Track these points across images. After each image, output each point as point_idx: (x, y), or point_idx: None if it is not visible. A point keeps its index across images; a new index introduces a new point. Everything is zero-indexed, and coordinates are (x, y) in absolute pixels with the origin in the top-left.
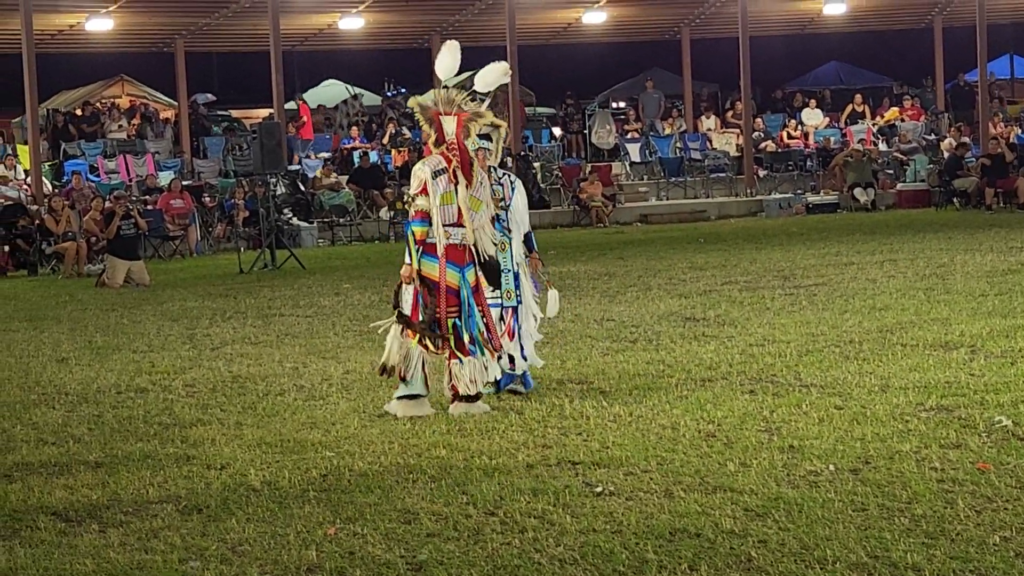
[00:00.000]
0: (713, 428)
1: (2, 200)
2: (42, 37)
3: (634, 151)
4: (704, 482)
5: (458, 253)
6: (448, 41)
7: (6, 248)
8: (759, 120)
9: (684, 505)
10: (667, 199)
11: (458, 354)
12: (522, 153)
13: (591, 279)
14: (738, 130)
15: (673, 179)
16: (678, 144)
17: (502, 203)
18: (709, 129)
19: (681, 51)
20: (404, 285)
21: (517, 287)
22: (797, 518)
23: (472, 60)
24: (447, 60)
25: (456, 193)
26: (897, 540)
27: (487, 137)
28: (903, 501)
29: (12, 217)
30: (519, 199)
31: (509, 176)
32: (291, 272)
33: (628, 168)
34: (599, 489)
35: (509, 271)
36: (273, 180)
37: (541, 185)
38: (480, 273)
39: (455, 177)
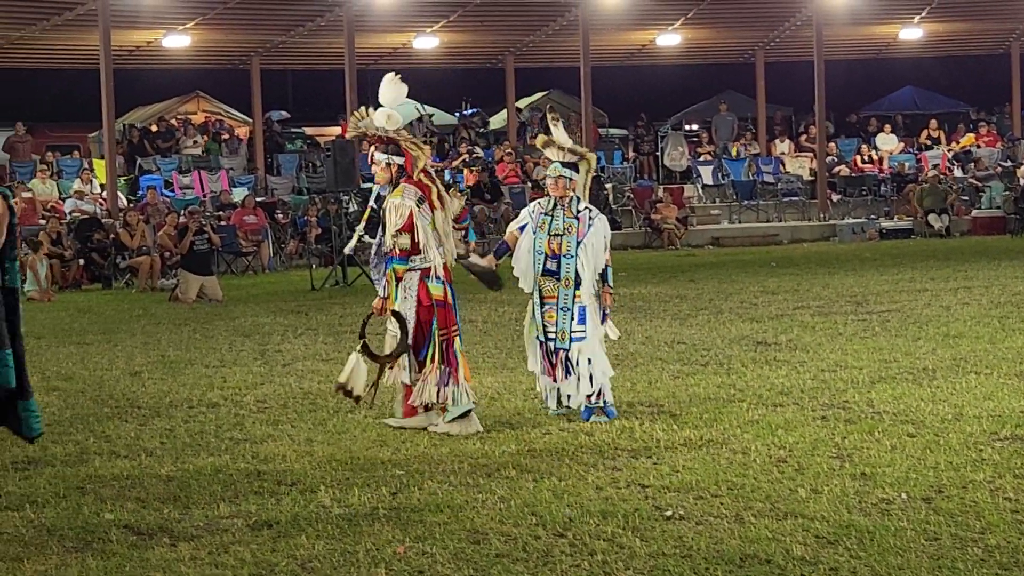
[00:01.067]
0: (784, 453)
1: (78, 214)
2: (120, 53)
3: (707, 173)
4: (775, 508)
5: (447, 274)
6: (386, 76)
7: (81, 262)
8: (833, 144)
9: (755, 531)
10: (739, 222)
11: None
12: (594, 174)
13: (662, 301)
14: (812, 154)
15: (746, 202)
16: (751, 167)
17: (569, 237)
18: (782, 153)
19: (755, 74)
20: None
21: (582, 323)
22: (869, 546)
23: (547, 80)
24: (390, 91)
25: (435, 220)
26: (970, 571)
27: (573, 167)
28: (976, 531)
29: (88, 231)
30: (596, 235)
31: (590, 211)
32: (362, 289)
33: (700, 190)
34: (669, 513)
35: (567, 310)
36: (346, 198)
37: (613, 207)
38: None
39: (433, 205)
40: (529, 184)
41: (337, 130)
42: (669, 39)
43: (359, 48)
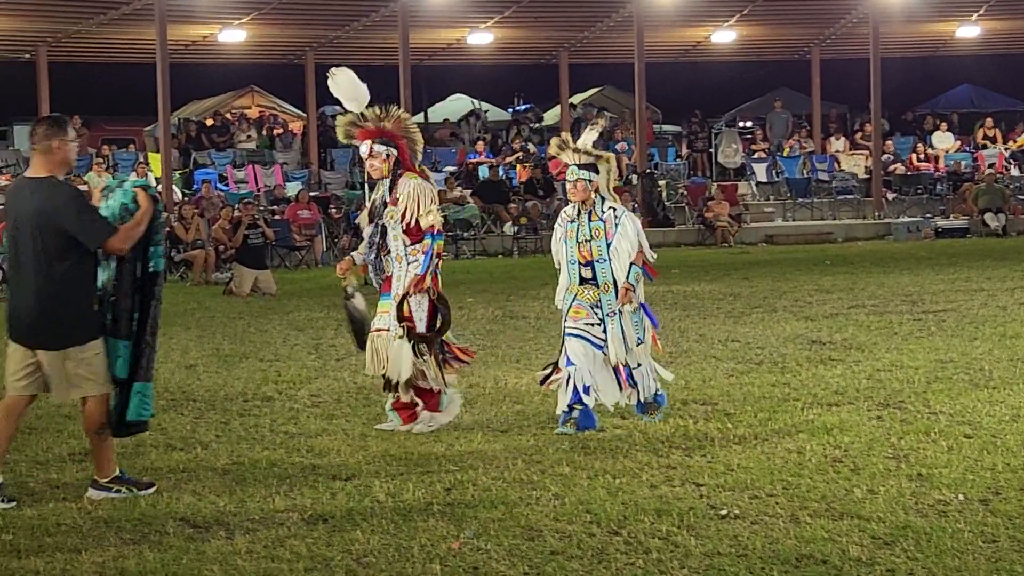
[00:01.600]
0: (840, 453)
1: None
2: (175, 47)
3: (761, 171)
4: (831, 508)
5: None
6: (335, 70)
7: None
8: (888, 142)
9: (810, 531)
10: (793, 220)
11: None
12: (648, 171)
13: (715, 299)
14: (867, 152)
15: (800, 200)
16: (805, 165)
17: (598, 242)
18: (837, 150)
19: (810, 71)
20: (415, 303)
21: (604, 330)
22: (926, 548)
23: (600, 76)
24: (349, 89)
25: None
26: None
27: (592, 168)
28: None
29: None
30: (623, 238)
31: (615, 211)
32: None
33: (754, 188)
34: (724, 512)
35: (616, 315)
36: None
37: (666, 203)
38: None
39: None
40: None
41: None
42: (724, 36)
43: (413, 43)
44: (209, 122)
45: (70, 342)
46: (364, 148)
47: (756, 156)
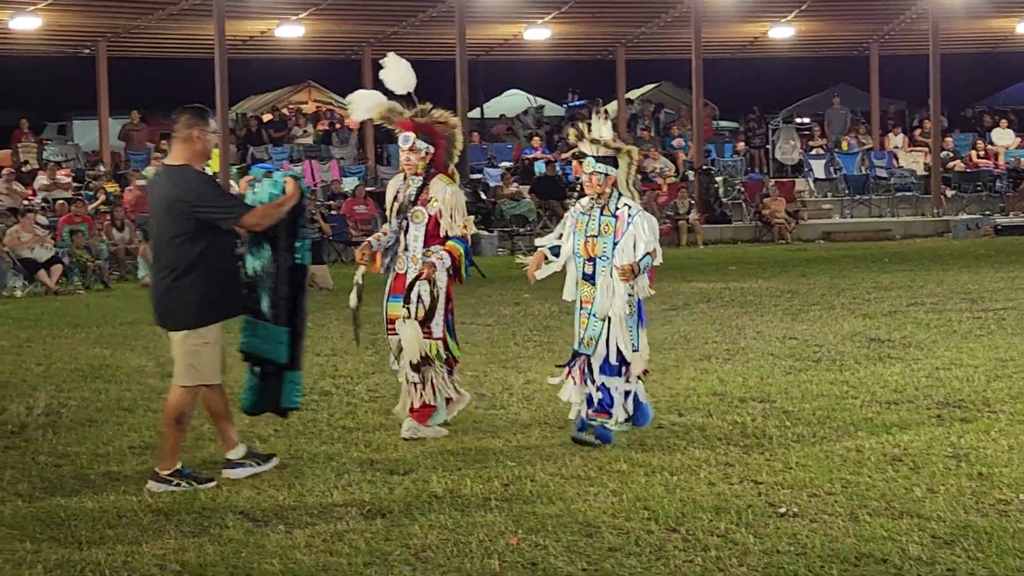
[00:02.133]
0: (899, 452)
1: None
2: (233, 43)
3: (818, 167)
4: (890, 507)
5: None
6: (388, 57)
7: None
8: (948, 139)
9: (870, 529)
10: (851, 217)
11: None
12: (705, 167)
13: (773, 296)
14: (926, 148)
15: (858, 197)
16: (863, 161)
17: (605, 238)
18: (896, 147)
19: (869, 67)
20: (437, 307)
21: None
22: (987, 548)
23: (657, 72)
24: (399, 75)
25: None
26: None
27: (611, 161)
28: None
29: None
30: (637, 237)
31: (629, 208)
32: (472, 281)
33: (812, 184)
34: (783, 510)
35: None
36: None
37: (723, 200)
38: None
39: None
40: (639, 176)
41: None
42: (782, 31)
43: (470, 39)
44: (266, 117)
45: (182, 325)
46: (406, 140)
47: (814, 152)
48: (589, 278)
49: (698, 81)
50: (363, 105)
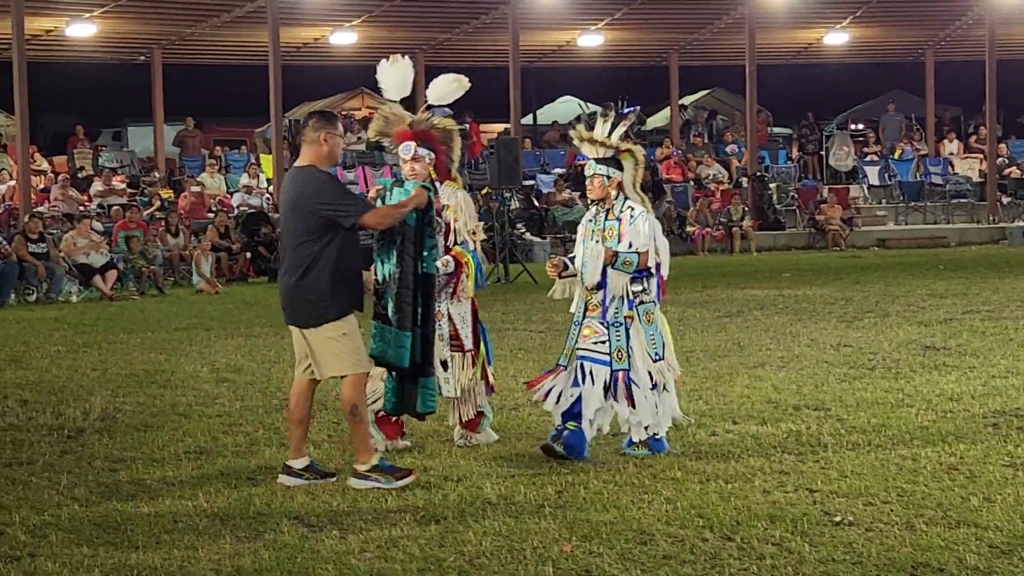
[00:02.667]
0: (955, 461)
1: (245, 208)
2: (287, 49)
3: (873, 174)
4: (947, 516)
5: None
6: (394, 58)
7: (248, 255)
8: (1003, 146)
9: (926, 539)
10: (906, 224)
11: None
12: (758, 173)
13: (827, 303)
14: (981, 155)
15: (912, 203)
16: (918, 168)
17: (610, 243)
18: (951, 153)
19: (924, 73)
20: (459, 319)
21: (628, 344)
22: None
23: (711, 78)
24: (400, 78)
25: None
26: None
27: (613, 163)
28: None
29: (255, 225)
30: (634, 235)
31: (632, 210)
32: (524, 287)
33: (866, 191)
34: (838, 518)
35: (621, 325)
36: (508, 195)
37: (777, 206)
38: None
39: None
40: (692, 183)
41: (500, 126)
42: (837, 37)
43: (523, 45)
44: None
45: (311, 322)
46: (407, 149)
47: (868, 159)
48: (597, 286)
49: (752, 87)
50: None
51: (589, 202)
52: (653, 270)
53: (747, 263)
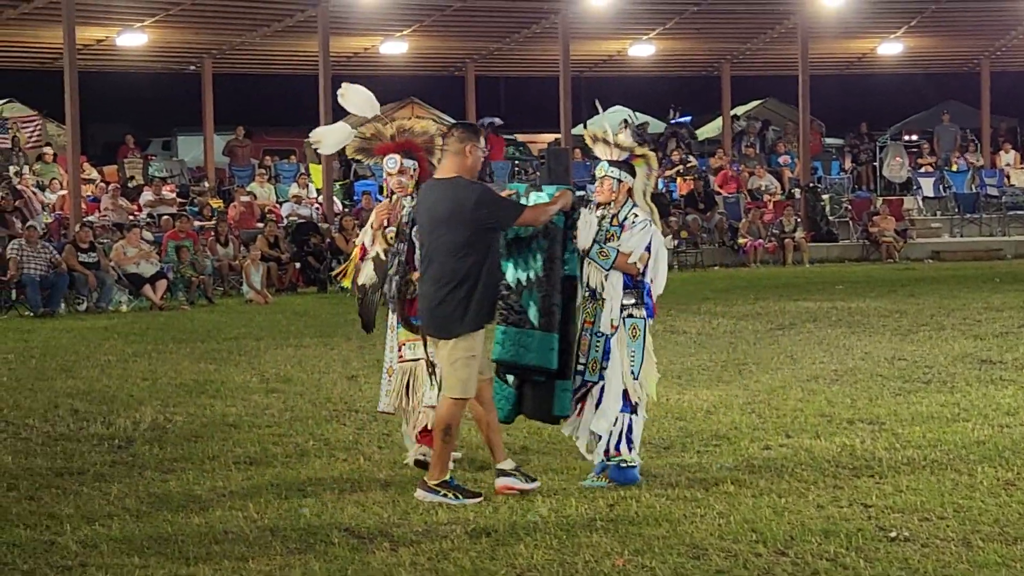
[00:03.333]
0: (1012, 476)
1: (295, 218)
2: (338, 59)
3: (927, 185)
4: (1004, 532)
5: None
6: (345, 87)
7: (297, 265)
8: None
9: (983, 555)
10: (961, 236)
11: None
12: (811, 184)
13: (881, 316)
14: None
15: (968, 215)
16: (974, 179)
17: (608, 247)
18: (1007, 164)
19: (980, 83)
20: None
21: (606, 358)
22: None
23: (763, 88)
24: (360, 101)
25: None
26: None
27: (626, 167)
28: None
29: (304, 235)
30: (628, 237)
31: (635, 217)
32: None
33: (920, 203)
34: (893, 534)
35: (602, 336)
36: None
37: (830, 218)
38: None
39: None
40: (744, 194)
41: (550, 136)
42: (891, 48)
43: (574, 55)
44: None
45: (450, 334)
46: (394, 163)
47: (923, 170)
48: (594, 295)
49: (804, 97)
50: (331, 140)
51: (595, 205)
52: (648, 282)
53: (799, 275)
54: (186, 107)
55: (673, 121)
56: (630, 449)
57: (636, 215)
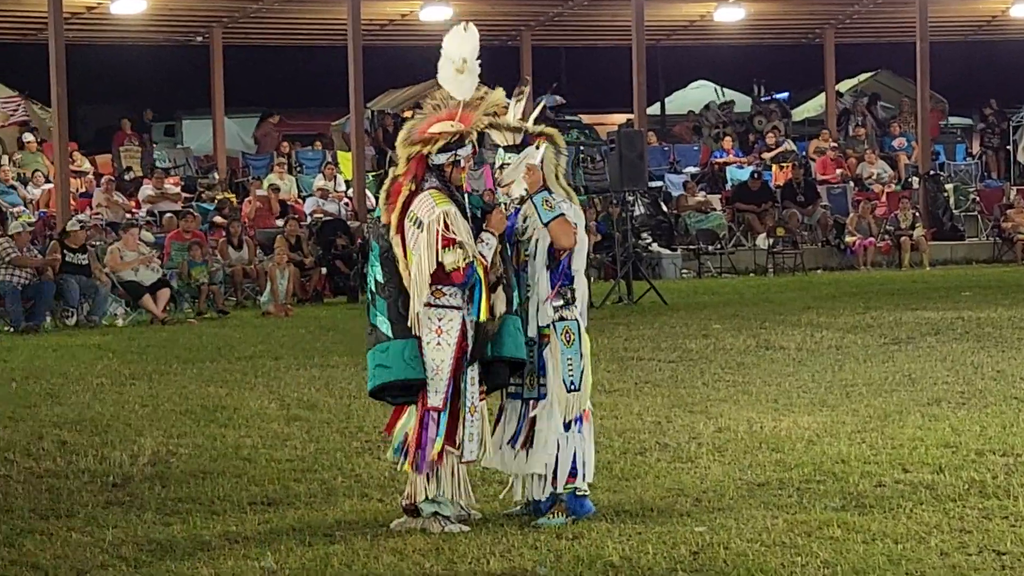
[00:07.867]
0: None
1: (320, 215)
2: (370, 27)
3: None
4: None
5: None
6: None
7: (323, 271)
8: None
9: None
10: None
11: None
12: (932, 172)
13: (1016, 328)
14: None
15: None
16: None
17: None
18: None
19: None
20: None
21: (543, 372)
22: None
23: (873, 58)
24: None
25: None
26: None
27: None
28: None
29: (330, 235)
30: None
31: (553, 198)
32: (650, 308)
33: None
34: None
35: (535, 343)
36: (631, 199)
37: (954, 212)
38: None
39: None
40: (851, 184)
41: (621, 118)
42: None
43: (649, 21)
44: (407, 115)
45: None
46: (469, 150)
47: None
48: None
49: (923, 69)
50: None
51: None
52: (572, 273)
53: (919, 279)
54: (192, 85)
55: (762, 99)
56: (584, 476)
57: (553, 199)
